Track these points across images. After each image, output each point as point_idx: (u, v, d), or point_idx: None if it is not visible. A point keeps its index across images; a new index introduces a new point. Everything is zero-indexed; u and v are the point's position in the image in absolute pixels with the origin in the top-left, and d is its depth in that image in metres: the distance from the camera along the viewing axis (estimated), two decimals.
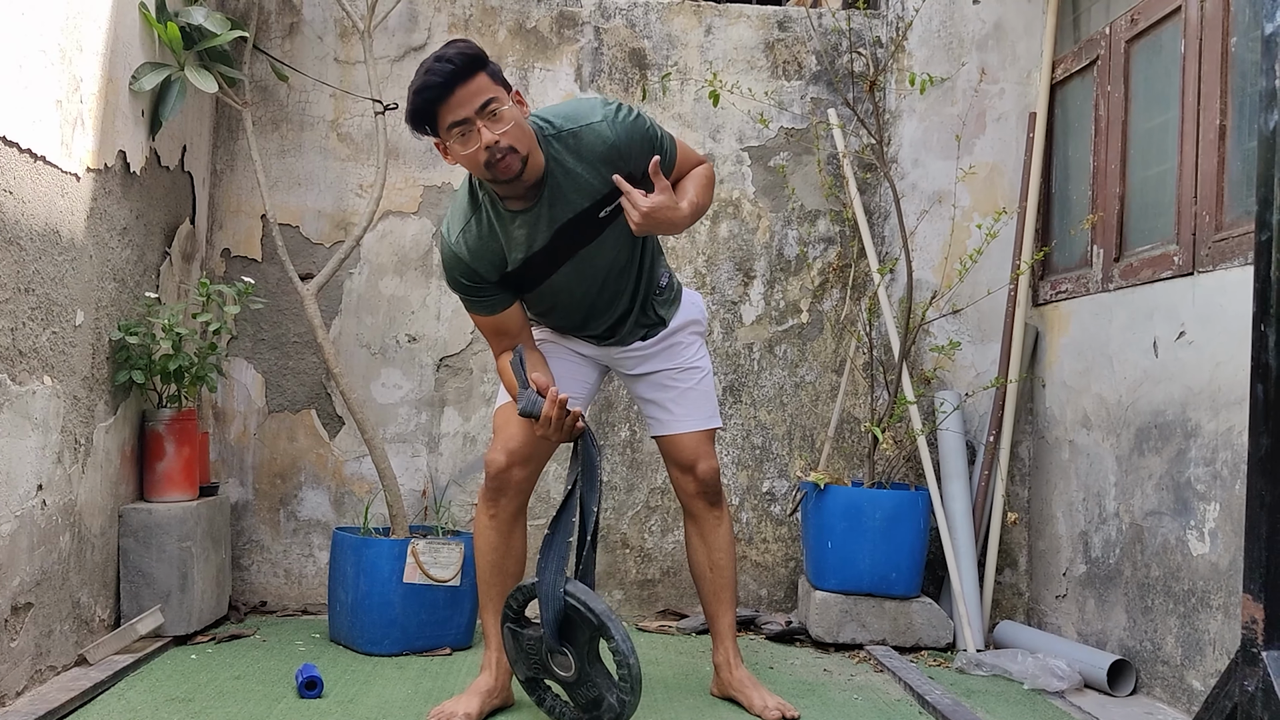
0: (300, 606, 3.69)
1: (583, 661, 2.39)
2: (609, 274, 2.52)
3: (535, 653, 2.45)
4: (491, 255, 2.44)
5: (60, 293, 2.67)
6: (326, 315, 3.68)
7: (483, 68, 2.27)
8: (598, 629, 2.35)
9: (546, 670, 2.46)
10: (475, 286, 2.48)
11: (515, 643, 2.48)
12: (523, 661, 2.49)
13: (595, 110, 2.40)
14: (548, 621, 2.37)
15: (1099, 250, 3.31)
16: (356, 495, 3.73)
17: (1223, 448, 2.64)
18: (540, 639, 2.42)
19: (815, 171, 3.83)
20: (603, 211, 2.41)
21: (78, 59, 2.74)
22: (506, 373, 2.52)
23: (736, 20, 3.87)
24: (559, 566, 2.38)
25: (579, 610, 2.35)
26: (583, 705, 2.44)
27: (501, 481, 2.57)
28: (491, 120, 2.26)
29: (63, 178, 2.67)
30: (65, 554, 2.73)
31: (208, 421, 3.68)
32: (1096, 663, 2.98)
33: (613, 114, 2.39)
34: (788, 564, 3.81)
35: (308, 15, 3.76)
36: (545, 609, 2.38)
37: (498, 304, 2.50)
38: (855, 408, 3.79)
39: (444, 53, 2.26)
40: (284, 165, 3.74)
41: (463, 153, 2.29)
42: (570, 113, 2.41)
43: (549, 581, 2.37)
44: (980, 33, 3.76)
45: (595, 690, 2.40)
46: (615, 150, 2.37)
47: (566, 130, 2.38)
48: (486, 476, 2.58)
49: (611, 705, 2.39)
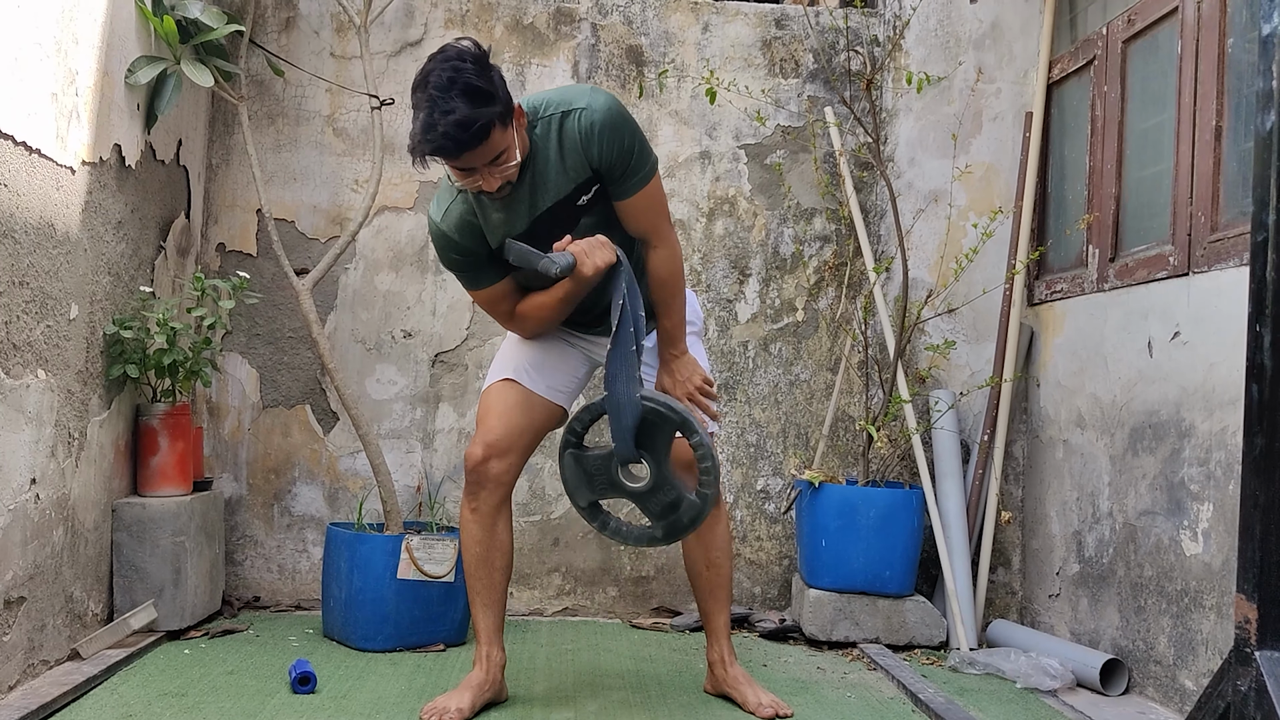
0: (294, 602, 3.69)
1: (660, 466, 2.40)
2: None
3: (602, 472, 2.43)
4: (476, 233, 2.44)
5: (55, 286, 2.66)
6: (321, 310, 3.67)
7: (493, 129, 2.19)
8: (680, 426, 2.37)
9: (614, 488, 2.44)
10: (467, 261, 2.47)
11: (578, 467, 2.45)
12: (585, 486, 2.46)
13: (583, 97, 2.36)
14: (626, 430, 2.36)
15: (1094, 250, 3.32)
16: (351, 491, 3.73)
17: (1216, 448, 2.65)
18: (607, 456, 2.41)
19: (811, 170, 3.83)
20: (581, 199, 2.41)
21: (73, 52, 2.73)
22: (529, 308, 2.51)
23: (734, 18, 3.87)
24: (629, 374, 2.36)
25: (658, 412, 2.35)
26: (657, 512, 2.44)
27: (480, 475, 2.56)
28: (496, 167, 2.25)
29: (58, 171, 2.66)
30: (58, 548, 2.72)
31: (202, 416, 3.67)
32: (1089, 662, 2.99)
33: (600, 107, 2.34)
34: (782, 562, 3.82)
35: (304, 10, 3.75)
36: (622, 418, 2.36)
37: (493, 276, 2.49)
38: (850, 406, 3.80)
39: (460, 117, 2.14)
40: (279, 160, 3.74)
41: (459, 180, 2.29)
42: (558, 98, 2.38)
43: (622, 391, 2.36)
44: (977, 32, 3.76)
45: (674, 492, 2.41)
46: (590, 138, 2.33)
47: (552, 114, 2.35)
48: (465, 470, 2.58)
49: (693, 502, 2.41)
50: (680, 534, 2.48)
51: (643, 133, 2.42)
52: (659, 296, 2.53)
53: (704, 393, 2.59)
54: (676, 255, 2.53)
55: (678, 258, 2.53)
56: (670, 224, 2.53)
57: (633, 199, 2.41)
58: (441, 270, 3.75)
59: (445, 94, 2.15)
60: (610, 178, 2.38)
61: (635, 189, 2.41)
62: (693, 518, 2.44)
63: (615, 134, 2.34)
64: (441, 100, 2.15)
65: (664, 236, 2.50)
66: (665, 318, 2.55)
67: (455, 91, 2.15)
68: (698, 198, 3.82)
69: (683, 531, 2.47)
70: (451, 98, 2.15)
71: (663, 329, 2.58)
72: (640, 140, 2.39)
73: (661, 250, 2.50)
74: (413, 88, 2.24)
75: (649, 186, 2.43)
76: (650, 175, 2.43)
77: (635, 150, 2.38)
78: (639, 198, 2.42)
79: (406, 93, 3.75)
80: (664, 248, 2.50)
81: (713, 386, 2.62)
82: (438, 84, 2.16)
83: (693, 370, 2.58)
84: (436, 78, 2.17)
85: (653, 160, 2.43)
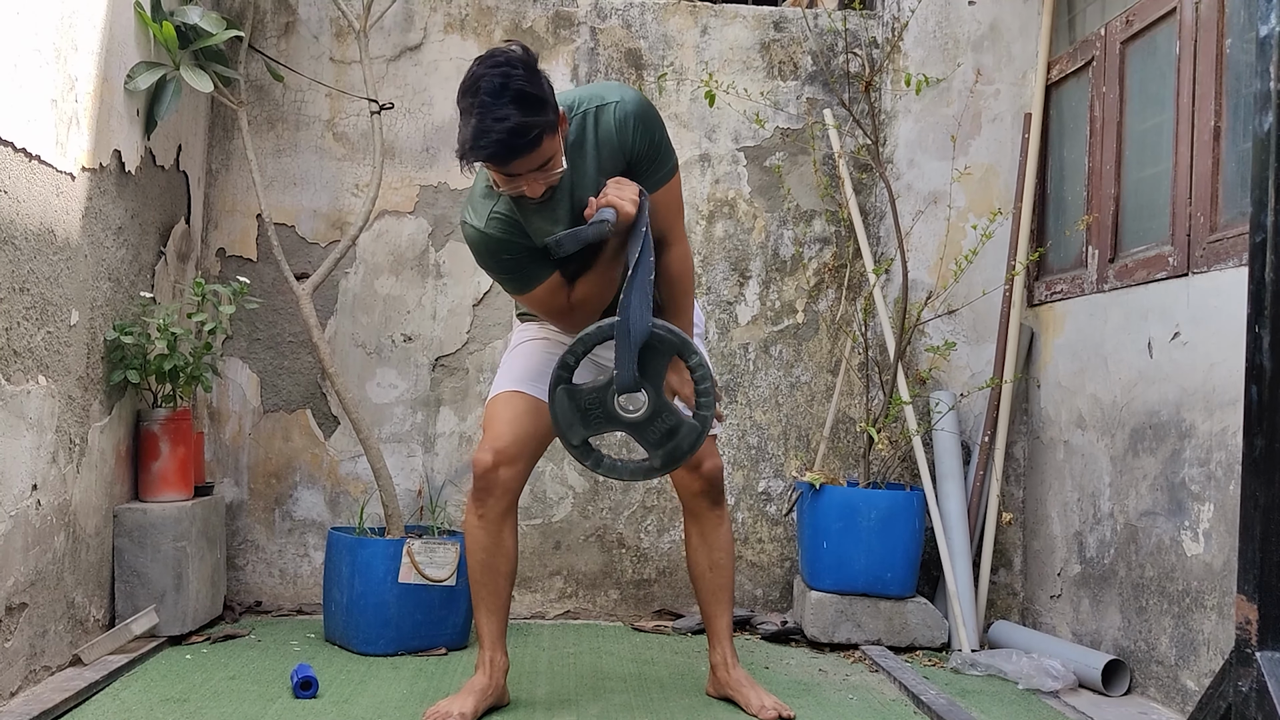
0: (295, 606, 3.69)
1: (658, 392, 2.37)
2: None
3: (597, 405, 2.38)
4: (521, 232, 2.40)
5: (55, 292, 2.66)
6: (322, 315, 3.67)
7: (545, 137, 2.17)
8: (679, 348, 2.35)
9: (611, 420, 2.39)
10: (517, 261, 2.42)
11: (571, 403, 2.39)
12: (580, 423, 2.40)
13: (614, 91, 2.37)
14: (631, 354, 2.33)
15: (1094, 251, 3.32)
16: (352, 495, 3.73)
17: (1217, 448, 2.65)
18: (603, 387, 2.37)
19: (811, 172, 3.83)
20: None
21: (73, 58, 2.74)
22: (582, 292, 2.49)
23: (732, 20, 3.87)
24: (644, 300, 2.33)
25: (656, 335, 2.33)
26: (655, 440, 2.40)
27: (488, 481, 2.56)
28: (543, 173, 2.24)
29: (58, 177, 2.67)
30: (60, 554, 2.72)
31: (203, 421, 3.67)
32: (1091, 663, 2.99)
33: (632, 100, 2.35)
34: (783, 564, 3.82)
35: (303, 15, 3.75)
36: (629, 343, 2.32)
37: (545, 271, 2.44)
38: (850, 408, 3.80)
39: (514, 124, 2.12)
40: (279, 165, 3.74)
41: (502, 185, 2.27)
42: (589, 94, 2.39)
43: (635, 315, 2.32)
44: (976, 33, 3.76)
45: (674, 417, 2.38)
46: (626, 129, 2.34)
47: (586, 109, 2.35)
48: (474, 476, 2.58)
49: (693, 425, 2.38)
50: (679, 460, 2.42)
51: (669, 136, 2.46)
52: (670, 294, 2.54)
53: None
54: (689, 255, 2.56)
55: (690, 257, 2.56)
56: (684, 224, 2.55)
57: (658, 194, 2.42)
58: (443, 274, 3.75)
59: (497, 99, 2.12)
60: (639, 171, 2.40)
61: (660, 184, 2.42)
62: (692, 442, 2.40)
63: (648, 126, 2.37)
64: (494, 106, 2.12)
65: (680, 235, 2.53)
66: (675, 316, 2.55)
67: (508, 98, 2.12)
68: (697, 200, 3.82)
69: (682, 457, 2.42)
70: (504, 104, 2.12)
71: None
72: (667, 137, 2.43)
73: (677, 248, 2.52)
74: (461, 92, 2.19)
75: (671, 183, 2.45)
76: (673, 172, 2.45)
77: (663, 145, 2.41)
78: (662, 193, 2.43)
79: (406, 97, 3.76)
80: (679, 245, 2.52)
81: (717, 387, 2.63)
82: (489, 89, 2.13)
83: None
84: (488, 83, 2.13)
85: (675, 159, 2.46)
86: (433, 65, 3.78)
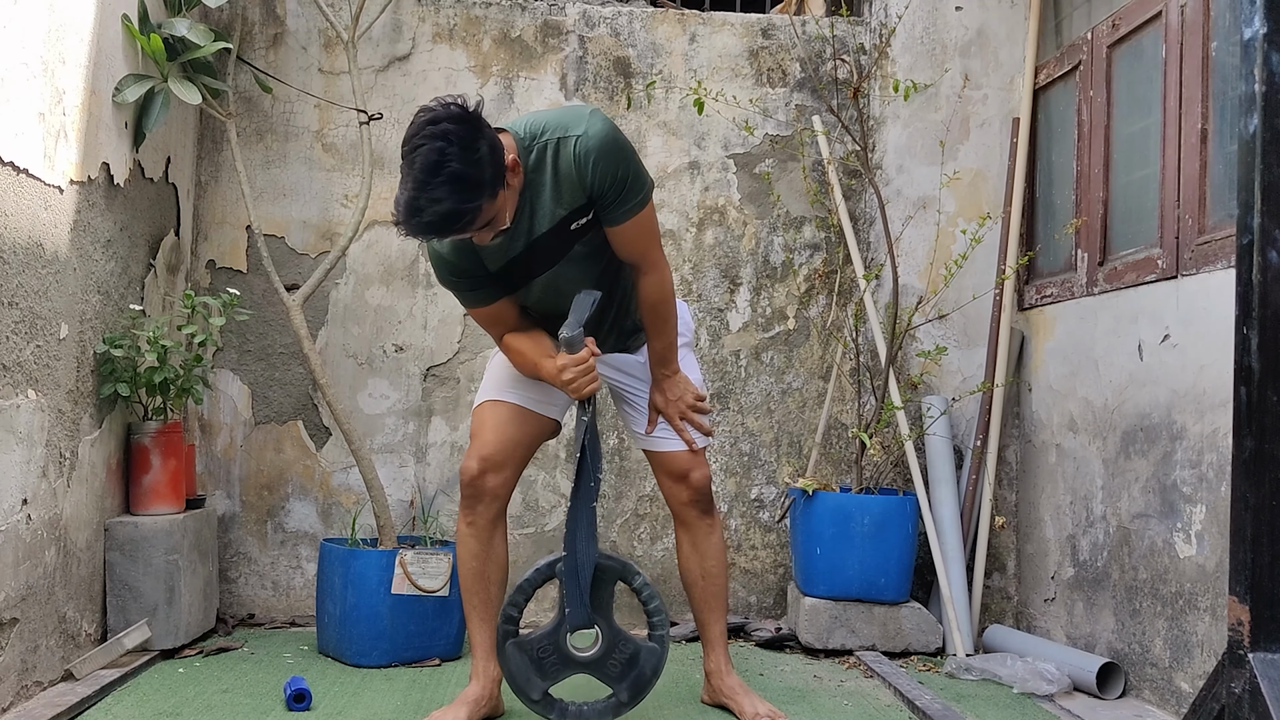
0: (288, 618, 3.68)
1: (610, 623, 2.39)
2: (586, 277, 2.48)
3: (550, 652, 2.40)
4: (472, 261, 2.44)
5: (44, 306, 2.65)
6: (313, 326, 3.67)
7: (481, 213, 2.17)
8: (621, 572, 2.36)
9: (568, 664, 2.41)
10: (463, 282, 2.48)
11: (523, 655, 2.41)
12: (536, 674, 2.42)
13: (580, 122, 2.32)
14: (579, 597, 2.34)
15: (1083, 254, 3.33)
16: (344, 506, 3.72)
17: (1208, 450, 2.65)
18: (553, 631, 2.39)
19: (800, 178, 3.83)
20: (575, 223, 2.39)
21: (60, 71, 2.73)
22: (513, 350, 2.53)
23: (720, 28, 3.88)
24: (590, 532, 2.36)
25: (604, 565, 2.35)
26: (617, 673, 2.41)
27: (476, 489, 2.56)
28: (488, 230, 2.27)
29: (46, 190, 2.66)
30: (51, 568, 2.71)
31: (194, 434, 3.66)
32: (1085, 666, 2.99)
33: (596, 134, 2.29)
34: (777, 570, 3.81)
35: (292, 26, 3.75)
36: (578, 583, 2.34)
37: (489, 296, 2.50)
38: (842, 414, 3.80)
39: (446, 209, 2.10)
40: (269, 176, 3.74)
41: None
42: (555, 122, 2.34)
43: (583, 552, 2.34)
44: (963, 39, 3.77)
45: (630, 644, 2.40)
46: (585, 165, 2.30)
47: (548, 139, 2.32)
48: (461, 484, 2.58)
49: (652, 649, 2.39)
50: (645, 689, 2.44)
51: (638, 159, 2.38)
52: (649, 320, 2.55)
53: (696, 409, 2.62)
54: (667, 280, 2.52)
55: (668, 283, 2.53)
56: (660, 250, 2.51)
57: (624, 226, 2.39)
58: (433, 284, 3.75)
59: (431, 178, 2.09)
60: (602, 205, 2.36)
61: (626, 216, 2.38)
62: (654, 666, 2.42)
63: (610, 162, 2.30)
64: (428, 186, 2.09)
65: (654, 262, 2.49)
66: (656, 339, 2.57)
67: (441, 179, 2.09)
68: (687, 208, 3.82)
69: (647, 685, 2.43)
70: (438, 185, 2.09)
71: (654, 350, 2.59)
72: (635, 168, 2.36)
73: (652, 276, 2.50)
74: (402, 146, 2.16)
75: (641, 214, 2.40)
76: (643, 204, 2.39)
77: (629, 179, 2.34)
78: (630, 225, 2.40)
79: (395, 107, 3.76)
80: (654, 273, 2.50)
81: (705, 401, 2.64)
82: (424, 165, 2.09)
83: (684, 389, 2.62)
84: (424, 158, 2.09)
85: (647, 188, 2.40)
86: (421, 75, 3.79)
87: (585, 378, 2.38)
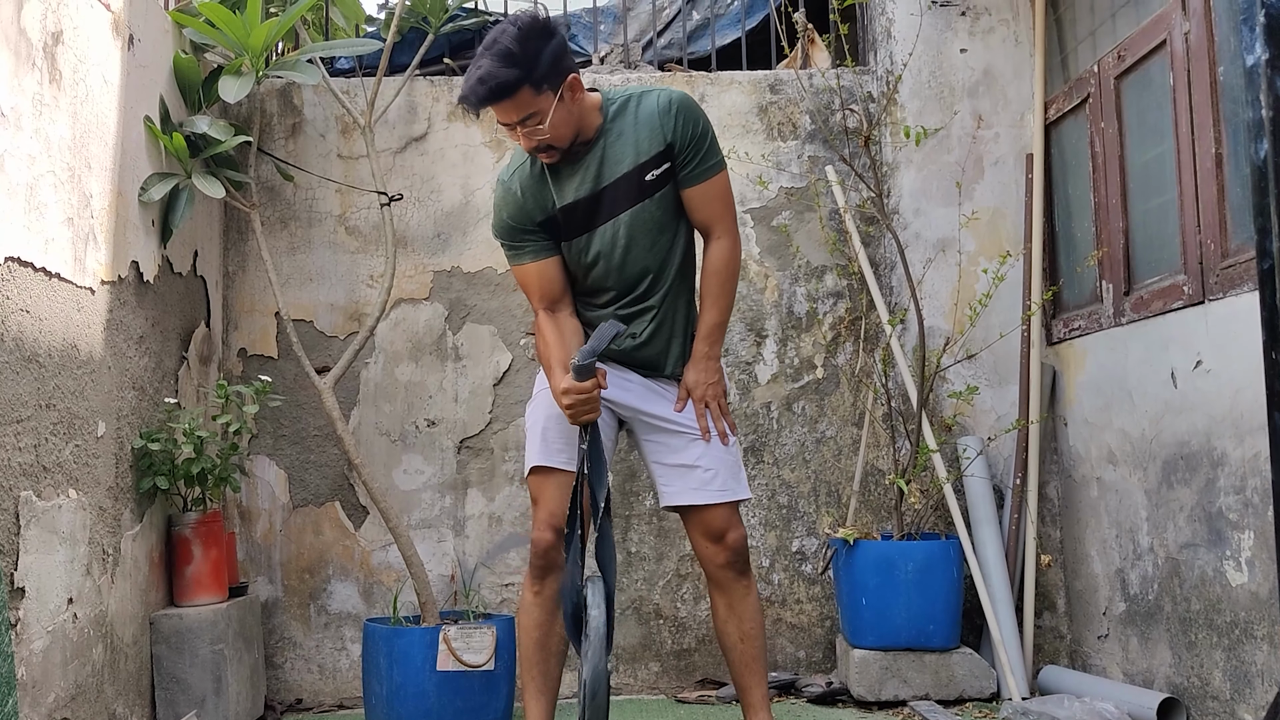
0: (336, 701, 3.67)
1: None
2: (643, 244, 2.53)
3: None
4: (540, 196, 2.53)
5: (81, 405, 2.70)
6: (345, 406, 3.70)
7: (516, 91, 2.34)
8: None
9: None
10: (519, 229, 2.56)
11: None
12: None
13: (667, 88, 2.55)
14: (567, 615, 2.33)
15: (1108, 285, 3.31)
16: (385, 585, 3.72)
17: (1251, 474, 2.61)
18: None
19: (818, 228, 3.85)
20: (650, 174, 2.49)
21: (86, 176, 2.80)
22: (540, 335, 2.58)
23: (729, 87, 3.92)
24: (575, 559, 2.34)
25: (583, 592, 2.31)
26: None
27: (550, 560, 2.54)
28: (529, 128, 2.40)
29: (77, 292, 2.72)
30: (99, 666, 2.73)
31: (233, 521, 3.69)
32: (1145, 703, 2.92)
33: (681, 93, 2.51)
34: (824, 623, 3.77)
35: (309, 115, 3.84)
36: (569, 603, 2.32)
37: (540, 250, 2.57)
38: (878, 460, 3.77)
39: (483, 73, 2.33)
40: (294, 262, 3.80)
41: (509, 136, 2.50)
42: (638, 87, 2.57)
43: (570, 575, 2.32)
44: (970, 80, 3.80)
45: None
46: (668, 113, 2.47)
47: (631, 93, 2.53)
48: (533, 554, 2.56)
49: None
50: None
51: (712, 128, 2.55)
52: (709, 286, 2.59)
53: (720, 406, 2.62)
54: (736, 252, 2.61)
55: (736, 255, 2.61)
56: (735, 220, 2.62)
57: (702, 185, 2.53)
58: (461, 357, 3.78)
59: (485, 52, 2.35)
60: (682, 159, 2.50)
61: (704, 176, 2.52)
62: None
63: (692, 115, 2.49)
64: (480, 58, 2.36)
65: (727, 228, 2.59)
66: (710, 310, 2.60)
67: (491, 52, 2.34)
68: None
69: None
70: (485, 57, 2.35)
71: (704, 323, 2.61)
72: (713, 135, 2.53)
73: (723, 240, 2.59)
74: None
75: (718, 176, 2.55)
76: (720, 167, 2.55)
77: (709, 138, 2.52)
78: (708, 185, 2.53)
79: (415, 186, 3.82)
80: (726, 239, 2.59)
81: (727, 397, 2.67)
82: (485, 43, 2.37)
83: (718, 377, 2.62)
84: (489, 38, 2.38)
85: (722, 158, 2.56)
86: (439, 153, 3.85)
87: (585, 407, 2.38)
